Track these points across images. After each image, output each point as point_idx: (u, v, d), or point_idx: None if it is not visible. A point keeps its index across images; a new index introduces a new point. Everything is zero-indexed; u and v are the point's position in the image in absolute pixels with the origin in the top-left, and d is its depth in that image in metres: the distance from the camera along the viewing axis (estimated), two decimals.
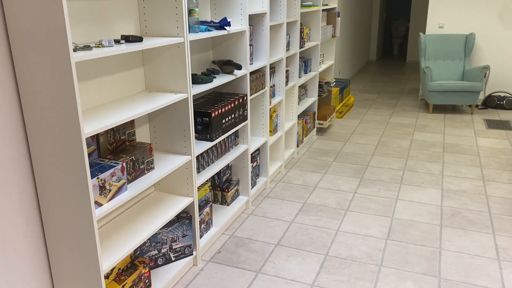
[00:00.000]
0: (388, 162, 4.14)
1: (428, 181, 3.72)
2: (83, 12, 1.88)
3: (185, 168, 2.41)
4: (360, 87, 7.52)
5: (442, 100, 5.66)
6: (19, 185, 1.73)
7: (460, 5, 6.18)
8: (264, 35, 3.24)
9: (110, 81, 2.09)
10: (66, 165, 1.65)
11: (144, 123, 2.39)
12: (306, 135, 4.64)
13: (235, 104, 2.82)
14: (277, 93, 3.74)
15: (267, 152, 3.53)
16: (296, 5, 3.83)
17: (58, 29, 1.48)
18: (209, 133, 2.58)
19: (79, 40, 1.88)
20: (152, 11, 2.19)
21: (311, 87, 4.75)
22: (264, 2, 3.15)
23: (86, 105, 1.95)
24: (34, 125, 1.67)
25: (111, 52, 1.70)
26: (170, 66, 2.26)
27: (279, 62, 3.65)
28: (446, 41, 6.06)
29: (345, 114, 5.78)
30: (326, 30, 4.80)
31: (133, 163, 2.01)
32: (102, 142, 1.98)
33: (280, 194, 3.50)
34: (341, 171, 3.93)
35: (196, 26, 2.39)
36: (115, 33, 2.07)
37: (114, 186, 1.85)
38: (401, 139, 4.80)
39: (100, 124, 1.71)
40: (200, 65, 2.88)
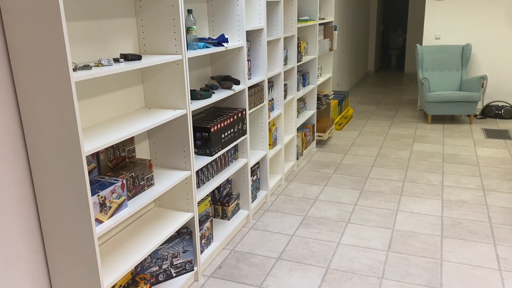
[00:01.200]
0: (388, 173, 4.15)
1: (428, 191, 3.73)
2: (83, 32, 1.91)
3: (185, 183, 2.42)
4: (359, 99, 7.56)
5: (440, 110, 5.69)
6: (20, 202, 1.75)
7: (456, 16, 6.25)
8: (262, 50, 3.28)
9: (110, 99, 2.12)
10: (67, 183, 1.67)
11: (144, 139, 2.41)
12: (305, 147, 4.66)
13: (234, 119, 2.85)
14: (275, 107, 3.77)
15: (267, 166, 3.54)
16: (293, 20, 3.88)
17: (58, 50, 1.51)
18: (208, 148, 2.60)
19: (79, 59, 1.91)
20: (151, 29, 2.22)
21: (310, 100, 4.78)
22: (261, 18, 3.20)
23: (86, 123, 1.98)
24: (35, 144, 1.69)
25: (110, 71, 1.73)
26: (169, 83, 2.29)
27: (277, 76, 3.68)
28: (443, 52, 6.12)
29: (344, 126, 5.80)
30: (323, 43, 4.85)
31: (133, 179, 2.03)
32: (102, 159, 2.00)
33: (280, 207, 3.50)
34: (341, 183, 3.94)
35: (194, 43, 2.42)
36: (114, 51, 2.10)
37: (114, 203, 1.86)
38: (400, 150, 4.81)
39: (100, 142, 1.73)
40: (199, 80, 2.91)
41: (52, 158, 1.67)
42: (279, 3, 3.53)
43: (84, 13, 1.91)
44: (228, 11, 2.87)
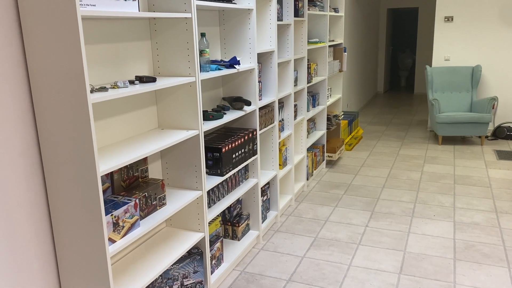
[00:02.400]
0: (398, 194, 4.13)
1: (440, 213, 3.69)
2: (100, 55, 1.97)
3: (196, 203, 2.43)
4: (369, 119, 7.57)
5: (451, 131, 5.68)
6: (35, 221, 1.77)
7: (465, 37, 6.28)
8: (273, 71, 3.32)
9: (125, 120, 2.16)
10: (81, 202, 1.69)
11: (157, 159, 2.44)
12: (315, 168, 4.66)
13: (245, 139, 2.87)
14: (286, 127, 3.80)
15: (277, 186, 3.55)
16: (303, 42, 3.94)
17: (76, 72, 1.56)
18: (219, 168, 2.62)
19: (96, 81, 1.96)
20: (165, 52, 2.28)
21: (320, 120, 4.80)
22: (272, 40, 3.26)
23: (101, 143, 2.01)
24: (51, 163, 1.72)
25: (126, 93, 1.77)
26: (182, 104, 2.33)
27: (288, 97, 3.72)
28: (452, 73, 6.14)
29: (354, 146, 5.80)
30: (333, 65, 4.90)
31: (145, 199, 2.05)
32: (116, 179, 2.03)
33: (291, 228, 3.49)
34: (352, 204, 3.92)
35: (207, 65, 2.47)
36: (130, 73, 2.16)
37: (127, 223, 1.88)
38: (411, 171, 4.79)
39: (114, 162, 1.76)
40: (211, 101, 2.95)
41: (67, 178, 1.70)
42: (290, 26, 3.59)
43: (102, 37, 1.97)
44: (240, 34, 2.93)
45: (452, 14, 6.27)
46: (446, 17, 6.30)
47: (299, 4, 3.74)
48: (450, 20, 6.29)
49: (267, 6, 3.21)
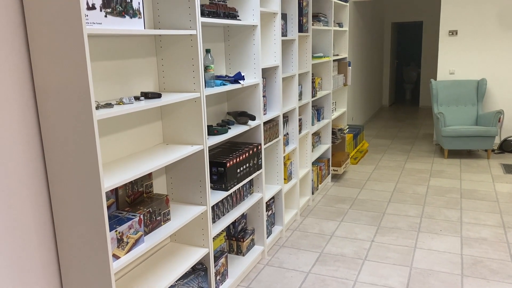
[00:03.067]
0: (404, 209, 4.10)
1: (447, 228, 3.65)
2: (106, 71, 1.99)
3: (201, 218, 2.43)
4: (374, 132, 7.56)
5: (457, 145, 5.65)
6: (39, 236, 1.78)
7: (469, 51, 6.29)
8: (277, 86, 3.34)
9: (130, 135, 2.17)
10: (86, 217, 1.70)
11: (161, 174, 2.44)
12: (321, 182, 4.64)
13: (249, 154, 2.87)
14: (290, 141, 3.80)
15: (282, 200, 3.53)
16: (308, 57, 3.96)
17: (82, 89, 1.58)
18: (224, 183, 2.62)
19: (102, 96, 1.98)
20: (171, 68, 2.30)
21: (325, 134, 4.80)
22: (276, 56, 3.28)
23: (106, 158, 2.02)
24: (56, 179, 1.73)
25: (131, 109, 1.78)
26: (187, 119, 2.34)
27: (292, 111, 3.73)
28: (457, 87, 6.13)
29: (359, 160, 5.78)
30: (337, 79, 4.92)
31: (150, 215, 2.05)
32: (121, 194, 2.03)
33: (296, 243, 3.46)
34: (357, 219, 3.89)
35: (212, 81, 2.49)
36: (135, 89, 2.18)
37: (131, 239, 1.87)
38: (417, 185, 4.76)
39: (119, 178, 1.77)
40: (216, 116, 2.97)
41: (72, 193, 1.71)
42: (294, 41, 3.62)
43: (108, 54, 1.99)
44: (244, 50, 2.95)
45: (456, 28, 6.29)
46: (450, 31, 6.32)
47: (303, 20, 3.77)
48: (454, 34, 6.31)
49: (272, 22, 3.24)
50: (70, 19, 1.53)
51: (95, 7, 1.62)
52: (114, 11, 1.69)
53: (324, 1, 4.49)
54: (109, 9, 1.67)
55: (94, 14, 1.62)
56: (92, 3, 1.61)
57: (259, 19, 2.88)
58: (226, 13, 2.59)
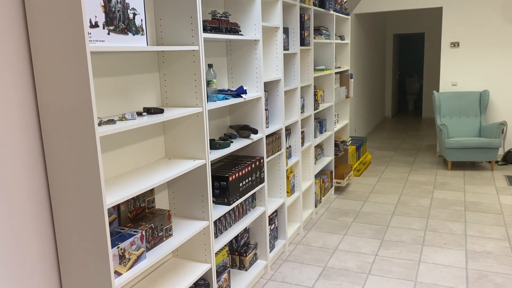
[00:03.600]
0: (408, 222, 4.07)
1: (451, 241, 3.62)
2: (109, 87, 2.00)
3: (203, 233, 2.42)
4: (377, 144, 7.54)
5: (460, 156, 5.63)
6: (41, 253, 1.77)
7: (472, 62, 6.30)
8: (279, 99, 3.35)
9: (132, 150, 2.17)
10: (88, 234, 1.69)
11: (164, 189, 2.44)
12: (324, 194, 4.62)
13: (252, 167, 2.87)
14: (293, 154, 3.80)
15: (285, 214, 3.52)
16: (310, 70, 3.98)
17: (84, 106, 1.58)
18: (226, 197, 2.61)
19: (105, 112, 1.98)
20: (173, 83, 2.31)
21: (327, 147, 4.80)
22: (278, 69, 3.29)
23: (108, 174, 2.02)
24: (58, 195, 1.73)
25: (133, 125, 1.79)
26: (189, 134, 2.34)
27: (295, 124, 3.73)
28: (460, 98, 6.13)
29: (362, 172, 5.77)
30: (339, 91, 4.93)
31: (152, 230, 2.04)
32: (123, 210, 2.03)
33: (299, 257, 3.44)
34: (361, 232, 3.87)
35: (214, 95, 2.50)
36: (138, 105, 2.19)
37: (133, 255, 1.87)
38: (420, 197, 4.73)
39: (121, 194, 1.77)
40: (218, 130, 2.97)
41: (74, 210, 1.70)
42: (296, 55, 3.63)
43: (111, 70, 2.01)
44: (247, 64, 2.97)
45: (458, 39, 6.31)
46: (452, 42, 6.34)
47: (305, 33, 3.79)
48: (456, 45, 6.33)
49: (274, 36, 3.26)
50: (73, 37, 1.54)
51: (98, 25, 1.63)
52: (117, 28, 1.71)
53: (325, 15, 4.52)
54: (112, 27, 1.69)
55: (97, 32, 1.63)
56: (95, 21, 1.62)
57: (261, 34, 2.90)
58: (228, 28, 2.60)
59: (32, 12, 1.61)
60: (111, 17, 1.68)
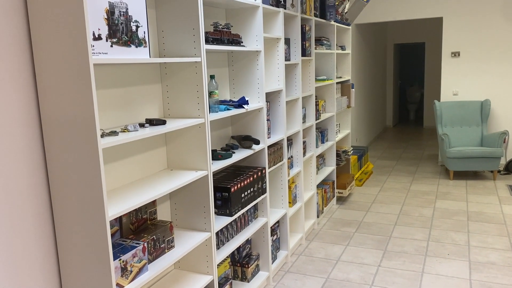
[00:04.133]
0: (411, 232, 4.05)
1: (454, 252, 3.60)
2: (111, 99, 2.01)
3: (205, 245, 2.41)
4: (378, 153, 7.53)
5: (462, 166, 5.61)
6: (43, 265, 1.76)
7: (472, 72, 6.31)
8: (281, 110, 3.35)
9: (134, 161, 2.17)
10: (89, 246, 1.68)
11: (165, 200, 2.43)
12: (326, 204, 4.61)
13: (254, 178, 2.86)
14: (295, 164, 3.79)
15: (287, 224, 3.50)
16: (311, 80, 3.99)
17: (87, 118, 1.58)
18: (228, 208, 2.60)
19: (107, 124, 1.99)
20: (175, 95, 2.32)
21: (329, 156, 4.79)
22: (280, 80, 3.30)
23: (110, 185, 2.02)
24: (60, 206, 1.72)
25: (136, 137, 1.79)
26: (191, 145, 2.34)
27: (296, 134, 3.73)
28: (461, 108, 6.13)
29: (364, 182, 5.75)
30: (341, 101, 4.94)
31: (154, 242, 2.03)
32: (125, 222, 2.02)
33: (301, 268, 3.42)
34: (363, 243, 3.85)
35: (216, 106, 2.50)
36: (140, 116, 2.19)
37: (135, 267, 1.85)
38: (423, 207, 4.71)
39: (124, 206, 1.76)
40: (220, 140, 2.97)
41: (76, 222, 1.70)
42: (297, 65, 3.65)
43: (113, 82, 2.01)
44: (248, 75, 2.98)
45: (458, 49, 6.34)
46: (453, 52, 6.36)
47: (306, 44, 3.81)
48: (457, 55, 6.35)
49: (275, 47, 3.27)
50: (77, 49, 1.55)
51: (101, 38, 1.64)
52: (120, 41, 1.72)
53: (326, 25, 4.55)
54: (115, 39, 1.70)
55: (100, 45, 1.64)
56: (99, 34, 1.63)
57: (262, 45, 2.91)
58: (230, 40, 2.62)
59: (36, 25, 1.62)
60: (114, 30, 1.69)
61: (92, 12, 1.60)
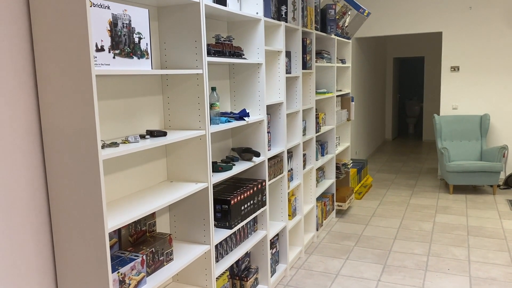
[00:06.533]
0: (411, 246, 4.02)
1: (455, 267, 3.57)
2: (112, 110, 2.00)
3: (204, 258, 2.38)
4: (378, 167, 7.53)
5: (462, 180, 5.60)
6: (40, 276, 1.74)
7: (472, 86, 6.34)
8: (281, 122, 3.35)
9: (134, 173, 2.16)
10: (88, 258, 1.66)
11: (165, 212, 2.42)
12: (325, 217, 4.58)
13: (253, 190, 2.85)
14: (295, 177, 3.78)
15: (287, 237, 3.48)
16: (311, 93, 4.00)
17: (88, 129, 1.58)
18: (228, 221, 2.58)
19: (108, 134, 1.98)
20: (176, 106, 2.32)
21: (329, 169, 4.78)
22: (280, 92, 3.31)
23: (110, 197, 2.01)
24: (59, 217, 1.71)
25: (136, 149, 1.78)
26: (192, 157, 2.33)
27: (297, 147, 3.73)
28: (461, 122, 6.15)
29: (364, 195, 5.73)
30: (341, 114, 4.95)
31: (152, 255, 2.01)
32: (124, 234, 2.00)
33: (300, 282, 3.38)
34: (363, 257, 3.82)
35: (217, 118, 2.50)
36: (141, 127, 2.18)
37: (133, 280, 1.83)
38: (422, 221, 4.69)
39: (123, 218, 1.75)
40: (220, 152, 2.96)
41: (75, 233, 1.68)
42: (298, 78, 3.66)
43: (115, 93, 2.01)
44: (249, 87, 2.98)
45: (458, 64, 6.37)
46: (452, 67, 6.40)
47: (307, 57, 3.83)
48: (456, 69, 6.39)
49: (276, 60, 3.28)
50: (79, 60, 1.55)
51: (104, 49, 1.64)
52: (122, 52, 1.72)
53: (327, 39, 4.57)
54: (118, 51, 1.70)
55: (103, 56, 1.64)
56: (101, 45, 1.63)
57: (264, 57, 2.92)
58: (232, 52, 2.63)
59: (38, 34, 1.63)
60: (117, 41, 1.69)
61: (95, 23, 1.61)
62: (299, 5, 3.54)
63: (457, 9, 6.28)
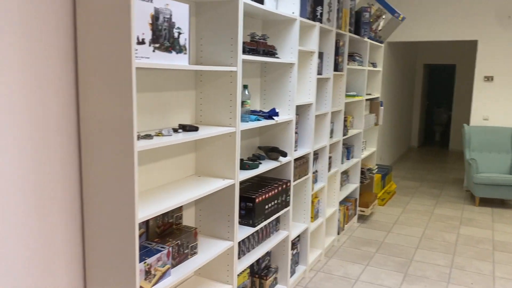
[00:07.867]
0: (433, 257, 3.95)
1: (478, 281, 3.49)
2: (147, 102, 2.03)
3: (227, 254, 2.40)
4: (402, 174, 7.41)
5: (489, 193, 5.47)
6: (68, 262, 1.78)
7: (505, 98, 6.17)
8: (310, 123, 3.34)
9: (164, 165, 2.19)
10: (117, 247, 1.70)
11: (191, 206, 2.44)
12: (347, 222, 4.54)
13: (278, 190, 2.85)
14: (319, 179, 3.76)
15: (308, 239, 3.46)
16: (341, 96, 3.96)
17: (126, 120, 1.60)
18: (252, 219, 2.59)
19: (141, 127, 2.01)
20: (208, 102, 2.33)
21: (353, 173, 4.74)
22: (311, 93, 3.29)
23: (139, 188, 2.04)
24: (91, 206, 1.75)
25: (169, 142, 1.80)
26: (221, 153, 2.35)
27: (323, 149, 3.70)
28: (491, 134, 5.99)
29: (387, 201, 5.66)
30: (369, 118, 4.89)
31: (178, 247, 2.04)
32: (151, 225, 2.03)
33: (319, 285, 3.37)
34: (384, 264, 3.77)
35: (247, 116, 2.51)
36: (173, 120, 2.21)
37: (158, 271, 1.86)
38: (446, 232, 4.60)
39: (152, 210, 1.77)
40: (247, 150, 2.97)
41: (105, 221, 1.71)
42: (329, 80, 3.63)
43: (151, 86, 2.04)
44: (280, 86, 2.98)
45: (492, 73, 6.21)
46: (486, 76, 6.24)
47: (339, 59, 3.80)
48: (490, 79, 6.22)
49: (309, 60, 3.27)
50: (121, 52, 1.57)
51: (145, 42, 1.67)
52: (162, 46, 1.74)
53: (360, 42, 4.52)
54: (157, 44, 1.72)
55: (143, 49, 1.66)
56: (142, 38, 1.66)
57: (297, 57, 2.91)
58: (266, 51, 2.63)
59: (82, 26, 1.66)
60: (158, 35, 1.71)
61: (138, 16, 1.63)
62: (335, 7, 3.51)
63: (495, 17, 6.12)
